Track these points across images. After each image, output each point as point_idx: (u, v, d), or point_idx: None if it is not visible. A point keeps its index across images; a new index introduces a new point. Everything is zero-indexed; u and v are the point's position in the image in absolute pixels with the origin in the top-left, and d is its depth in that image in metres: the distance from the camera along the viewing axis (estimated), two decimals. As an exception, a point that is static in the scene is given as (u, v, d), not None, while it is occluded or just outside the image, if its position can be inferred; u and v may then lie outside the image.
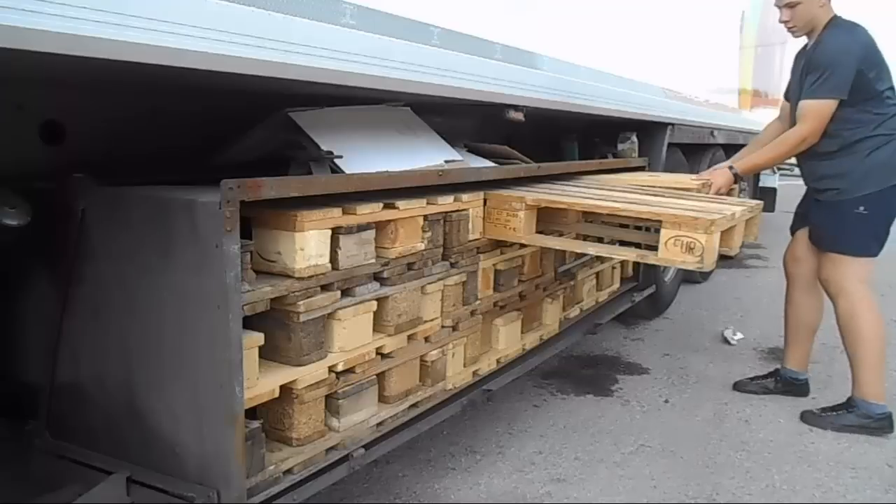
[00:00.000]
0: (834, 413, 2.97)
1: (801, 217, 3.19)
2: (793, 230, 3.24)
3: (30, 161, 1.63)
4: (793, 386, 3.27)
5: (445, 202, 2.01)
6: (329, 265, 1.61)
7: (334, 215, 1.61)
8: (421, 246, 1.92)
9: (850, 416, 2.93)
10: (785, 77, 3.19)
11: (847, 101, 2.78)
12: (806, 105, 2.85)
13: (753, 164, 3.12)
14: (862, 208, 2.81)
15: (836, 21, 2.89)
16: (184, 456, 1.43)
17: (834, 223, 2.91)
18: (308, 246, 1.54)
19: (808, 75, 2.86)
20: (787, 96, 3.23)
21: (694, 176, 3.25)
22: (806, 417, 3.01)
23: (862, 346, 2.92)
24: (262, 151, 2.01)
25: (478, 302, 2.23)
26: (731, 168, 3.05)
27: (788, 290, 3.26)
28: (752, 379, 3.38)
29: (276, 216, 1.54)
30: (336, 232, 1.63)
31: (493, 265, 2.31)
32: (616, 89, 3.25)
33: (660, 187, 2.77)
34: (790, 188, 3.09)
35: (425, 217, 1.93)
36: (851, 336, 2.94)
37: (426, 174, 2.01)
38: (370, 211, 1.71)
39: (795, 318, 3.25)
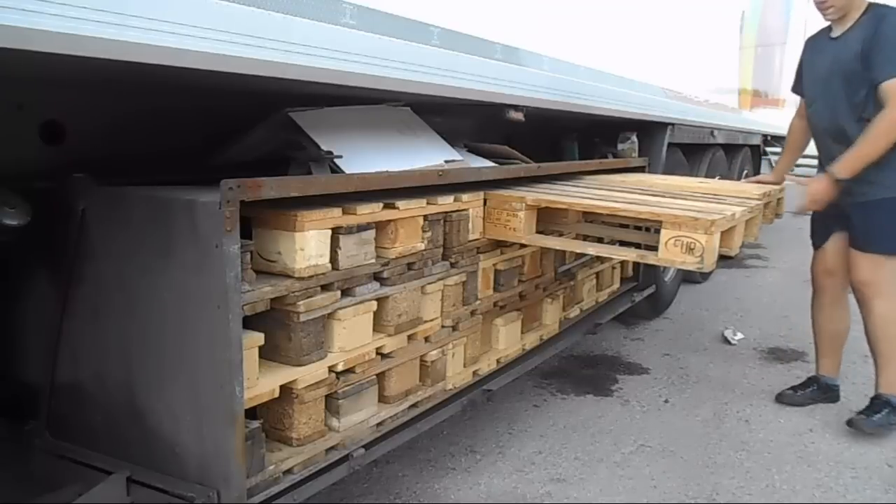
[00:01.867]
0: (880, 414, 2.87)
1: (828, 226, 3.00)
2: (818, 242, 3.10)
3: (30, 161, 1.63)
4: (831, 392, 3.18)
5: (445, 202, 2.00)
6: (329, 265, 1.61)
7: (334, 215, 1.61)
8: (421, 246, 1.92)
9: (892, 414, 2.88)
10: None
11: None
12: (890, 86, 2.60)
13: (855, 159, 2.70)
14: None
15: (878, 5, 2.78)
16: (184, 456, 1.43)
17: (880, 221, 2.78)
18: (308, 246, 1.54)
19: (873, 58, 2.65)
20: (798, 90, 3.09)
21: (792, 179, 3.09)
22: (856, 424, 2.86)
23: None
24: (262, 151, 2.01)
25: (478, 302, 2.23)
26: (831, 173, 2.74)
27: (819, 303, 3.14)
28: (794, 390, 3.22)
29: (276, 216, 1.53)
30: (336, 232, 1.63)
31: (493, 265, 2.31)
32: (616, 89, 3.25)
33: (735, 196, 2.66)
34: (798, 188, 2.99)
35: (425, 217, 1.93)
36: (887, 337, 2.84)
37: (426, 174, 2.01)
38: (370, 211, 1.71)
39: (831, 329, 3.13)
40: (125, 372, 1.48)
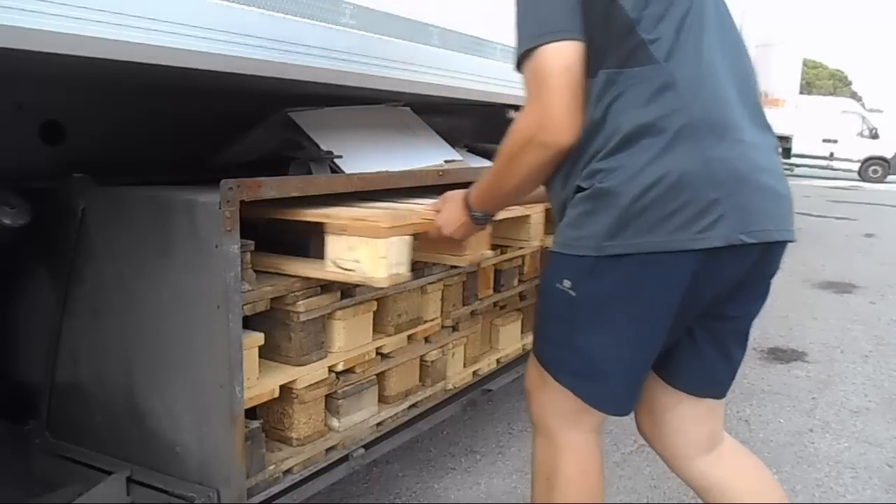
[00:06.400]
0: None
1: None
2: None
3: (30, 161, 1.63)
4: None
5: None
6: (409, 274, 1.53)
7: (412, 221, 1.53)
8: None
9: None
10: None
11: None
12: (524, 67, 1.24)
13: (484, 187, 1.45)
14: (567, 283, 1.28)
15: None
16: (184, 456, 1.43)
17: (540, 296, 1.40)
18: (391, 253, 1.44)
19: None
20: None
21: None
22: None
23: None
24: (262, 151, 2.01)
25: (478, 302, 2.23)
26: (466, 199, 1.50)
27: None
28: None
29: (356, 222, 1.45)
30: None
31: (493, 265, 2.30)
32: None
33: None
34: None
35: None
36: (539, 494, 1.46)
37: (426, 174, 2.01)
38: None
39: None
40: (125, 372, 1.48)
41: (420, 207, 1.65)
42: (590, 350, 1.29)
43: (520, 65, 1.25)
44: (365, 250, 1.44)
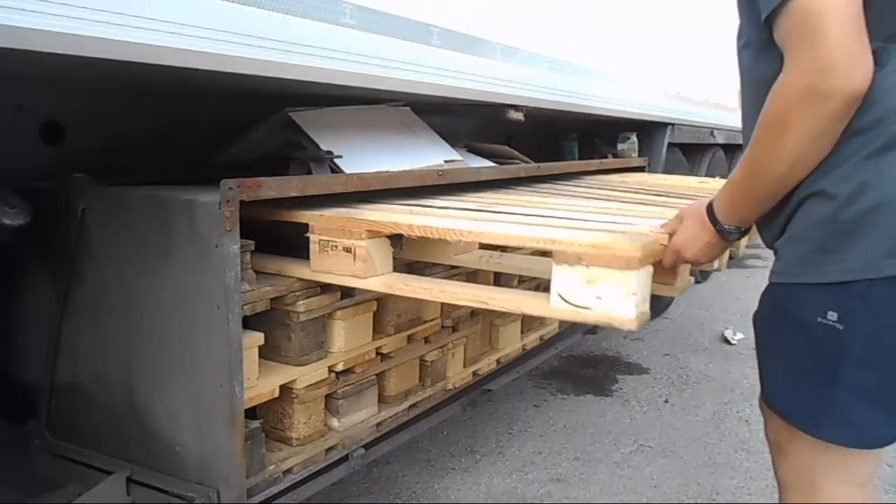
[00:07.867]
0: None
1: None
2: None
3: (30, 161, 1.63)
4: None
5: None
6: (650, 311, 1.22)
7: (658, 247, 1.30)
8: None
9: None
10: None
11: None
12: (783, 21, 1.05)
13: (733, 186, 1.24)
14: (832, 316, 1.10)
15: None
16: (184, 456, 1.43)
17: (764, 341, 1.27)
18: (640, 289, 1.17)
19: None
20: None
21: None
22: None
23: None
24: (262, 151, 2.01)
25: (478, 302, 2.22)
26: (710, 211, 1.27)
27: None
28: None
29: (599, 250, 1.18)
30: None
31: (493, 265, 2.30)
32: (616, 89, 3.26)
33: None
34: None
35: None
36: None
37: (426, 174, 2.01)
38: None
39: None
40: (125, 372, 1.48)
41: (647, 227, 1.39)
42: (865, 390, 1.10)
43: (773, 14, 1.06)
44: (610, 285, 1.18)
